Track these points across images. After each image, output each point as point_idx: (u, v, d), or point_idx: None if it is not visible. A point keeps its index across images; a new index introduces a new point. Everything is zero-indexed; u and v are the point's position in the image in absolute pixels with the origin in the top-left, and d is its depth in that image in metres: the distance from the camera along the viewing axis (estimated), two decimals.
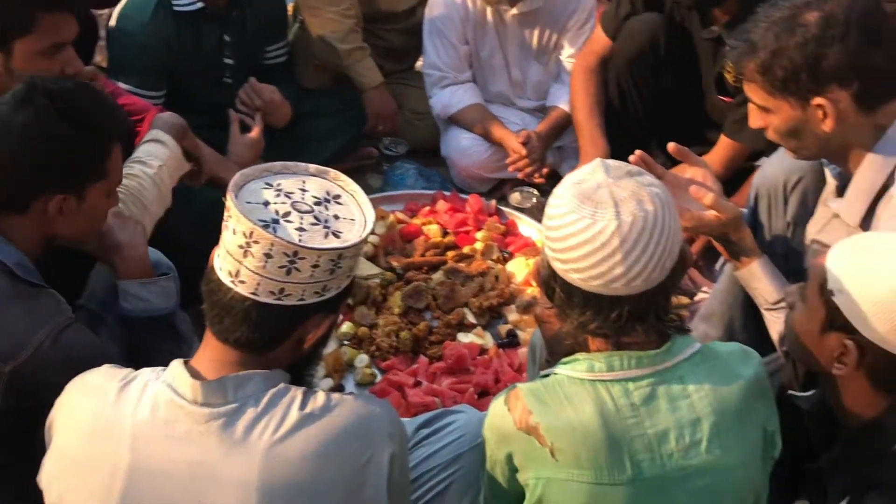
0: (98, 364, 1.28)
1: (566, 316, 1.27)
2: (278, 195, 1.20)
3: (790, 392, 1.50)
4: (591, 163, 1.26)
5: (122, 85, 2.29)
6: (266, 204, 1.18)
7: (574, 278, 1.21)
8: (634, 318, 1.23)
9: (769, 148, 2.37)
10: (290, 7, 2.94)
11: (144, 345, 1.66)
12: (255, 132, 2.51)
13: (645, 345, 1.25)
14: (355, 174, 2.93)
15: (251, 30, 2.60)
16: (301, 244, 1.14)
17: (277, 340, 1.21)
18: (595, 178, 1.21)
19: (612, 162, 1.25)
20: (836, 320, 1.27)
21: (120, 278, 1.69)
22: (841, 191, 1.68)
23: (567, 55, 2.89)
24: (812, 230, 1.79)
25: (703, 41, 2.48)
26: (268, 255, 1.14)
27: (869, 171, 1.59)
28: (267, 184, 1.22)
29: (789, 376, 1.55)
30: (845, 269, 1.27)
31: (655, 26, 2.50)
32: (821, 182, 1.78)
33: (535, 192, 2.87)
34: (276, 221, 1.16)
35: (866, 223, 1.61)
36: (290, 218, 1.17)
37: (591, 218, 1.18)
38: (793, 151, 1.68)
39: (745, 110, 2.35)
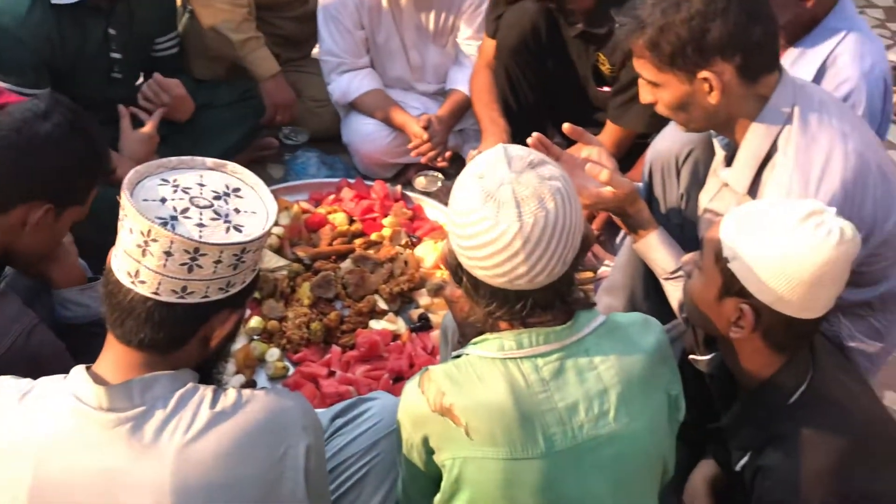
0: (61, 364, 1.30)
1: (474, 303, 1.29)
2: (175, 191, 1.17)
3: (691, 357, 1.57)
4: (494, 150, 1.26)
5: (0, 84, 2.19)
6: (163, 201, 1.15)
7: (479, 274, 1.23)
8: (540, 307, 1.25)
9: (651, 129, 2.47)
10: None
11: (87, 349, 1.61)
12: (148, 127, 2.43)
13: (552, 322, 1.28)
14: (255, 165, 2.95)
15: (138, 22, 2.50)
16: (202, 240, 1.12)
17: (183, 340, 1.19)
18: (498, 174, 1.21)
19: (513, 150, 1.26)
20: (732, 286, 1.34)
21: (58, 287, 1.74)
22: (729, 160, 1.75)
23: (465, 37, 2.90)
24: (704, 199, 1.86)
25: (572, 38, 2.54)
26: (168, 254, 1.11)
27: (754, 140, 1.65)
28: (163, 180, 1.18)
29: (690, 341, 1.62)
30: (738, 237, 1.33)
31: (532, 14, 2.53)
32: (710, 153, 1.85)
33: (440, 175, 2.89)
34: (174, 218, 1.13)
35: (754, 190, 1.68)
36: (188, 214, 1.14)
37: (494, 219, 1.18)
38: (682, 125, 1.73)
39: (624, 97, 2.46)
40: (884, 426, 1.46)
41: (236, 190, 1.22)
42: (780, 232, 1.30)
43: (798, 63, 2.00)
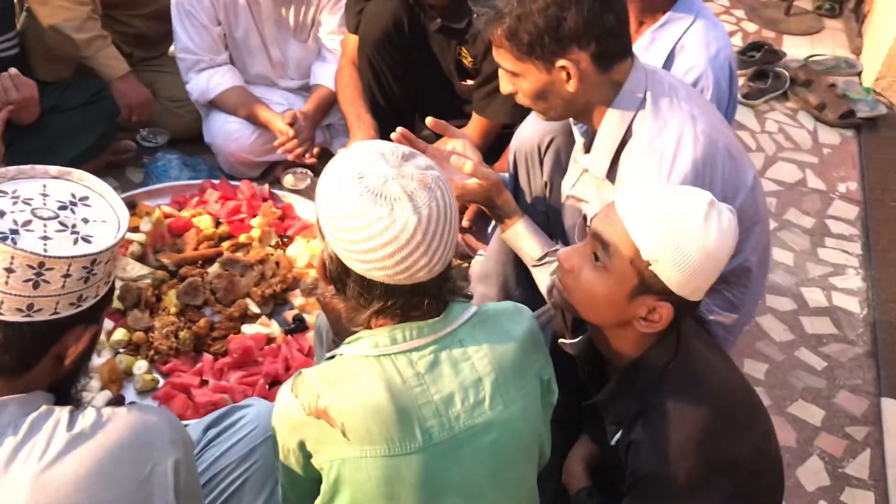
0: None
1: (359, 306, 1.26)
2: (16, 203, 1.09)
3: (560, 340, 1.60)
4: (363, 150, 1.24)
5: None
6: (1, 214, 1.07)
7: (377, 275, 1.20)
8: (431, 296, 1.25)
9: (515, 120, 2.51)
10: None
11: None
12: None
13: (425, 315, 1.27)
14: (113, 170, 2.82)
15: None
16: (46, 254, 1.05)
17: (33, 360, 1.11)
18: (379, 171, 1.19)
19: (381, 146, 1.24)
20: (653, 287, 1.35)
21: None
22: (588, 147, 1.80)
23: (326, 31, 2.85)
24: (566, 186, 1.91)
25: (433, 32, 2.55)
26: (9, 270, 1.04)
27: (610, 125, 1.70)
28: (1, 192, 1.11)
29: (559, 326, 1.65)
30: (657, 239, 1.32)
31: (393, 8, 2.52)
32: (571, 141, 1.89)
33: (309, 172, 2.84)
34: (14, 232, 1.06)
35: (612, 174, 1.74)
36: (31, 227, 1.07)
37: (390, 217, 1.16)
38: (542, 113, 1.76)
39: (487, 89, 2.50)
40: (744, 394, 1.53)
41: (83, 199, 1.15)
42: (695, 231, 1.32)
43: (649, 50, 2.08)
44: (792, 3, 4.31)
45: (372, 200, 1.17)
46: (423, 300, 1.25)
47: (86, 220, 1.12)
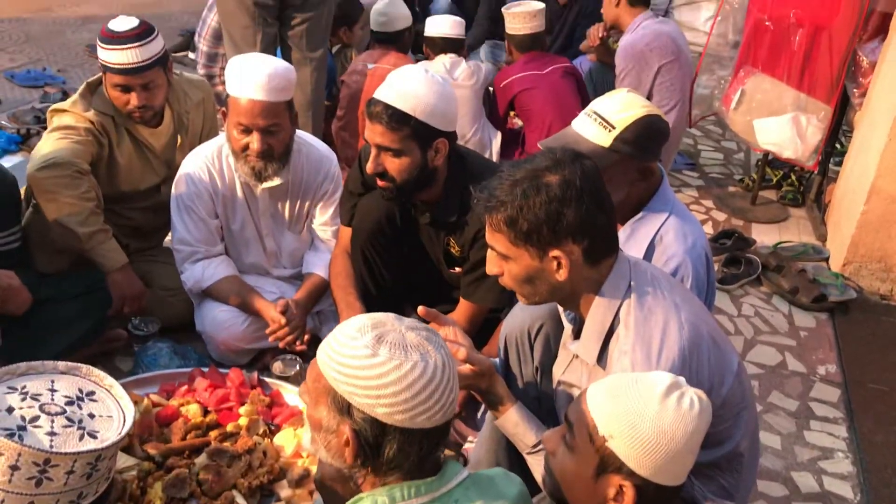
0: None
1: (387, 469, 1.31)
2: (24, 398, 1.12)
3: None
4: (366, 319, 1.34)
5: None
6: (10, 410, 1.09)
7: (399, 419, 1.27)
8: (436, 447, 1.33)
9: (501, 304, 2.60)
10: (22, 190, 2.79)
11: None
12: None
13: (422, 474, 1.32)
14: (103, 359, 2.83)
15: None
16: (53, 450, 1.06)
17: None
18: (391, 326, 1.32)
19: (372, 317, 1.35)
20: (611, 464, 1.37)
21: None
22: (577, 333, 1.85)
23: (319, 223, 2.97)
24: (557, 372, 1.94)
25: (423, 225, 2.69)
26: (14, 468, 1.04)
27: (597, 313, 1.77)
28: (10, 388, 1.13)
29: None
30: (611, 415, 1.38)
31: (387, 202, 2.63)
32: (560, 327, 1.95)
33: (298, 359, 2.86)
34: (22, 429, 1.07)
35: (603, 360, 1.78)
36: (38, 422, 1.09)
37: (423, 359, 1.27)
38: (525, 297, 1.81)
39: (475, 275, 2.60)
40: None
41: (90, 393, 1.18)
42: (649, 408, 1.36)
43: (630, 241, 2.19)
44: (757, 194, 4.56)
45: (397, 349, 1.28)
46: (434, 448, 1.32)
47: (92, 416, 1.14)
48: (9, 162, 4.20)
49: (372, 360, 1.27)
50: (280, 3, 3.92)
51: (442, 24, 4.37)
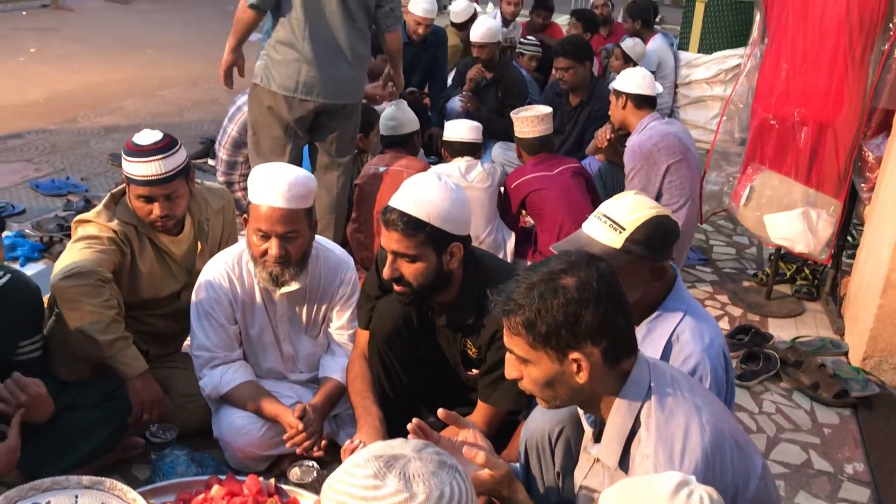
0: None
1: None
2: None
3: None
4: (376, 450, 1.31)
5: None
6: None
7: None
8: None
9: (520, 406, 2.59)
10: (45, 299, 2.84)
11: None
12: (12, 438, 2.25)
13: None
14: (120, 467, 2.80)
15: (1, 327, 2.46)
16: None
17: None
18: (400, 453, 1.28)
19: (396, 442, 1.32)
20: None
21: None
22: (597, 436, 1.84)
23: (336, 327, 3.00)
24: (578, 476, 1.92)
25: (440, 327, 2.71)
26: None
27: (618, 416, 1.76)
28: None
29: None
30: None
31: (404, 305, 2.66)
32: (580, 430, 1.94)
33: (315, 465, 2.82)
34: None
35: (625, 464, 1.76)
36: None
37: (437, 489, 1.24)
38: (545, 401, 1.81)
39: (492, 377, 2.60)
40: None
41: None
42: (657, 501, 1.35)
43: (646, 340, 2.20)
44: (772, 288, 4.56)
45: (413, 484, 1.23)
46: None
47: None
48: (31, 270, 4.28)
49: (376, 493, 1.23)
50: (314, 116, 4.07)
51: (460, 129, 4.52)
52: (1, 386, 2.39)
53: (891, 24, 3.76)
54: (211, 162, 5.92)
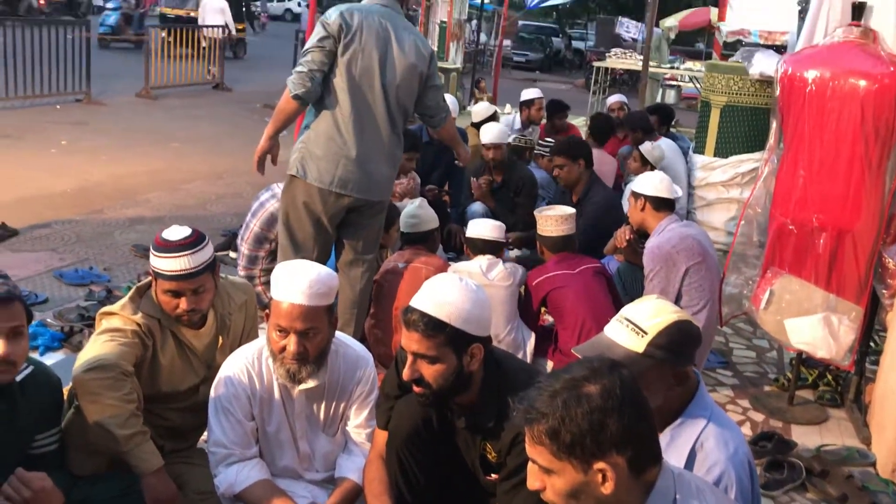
0: None
1: None
2: None
3: None
4: None
5: None
6: None
7: None
8: None
9: None
10: (65, 391, 2.84)
11: None
12: None
13: None
14: None
15: (22, 416, 2.46)
16: None
17: None
18: None
19: None
20: None
21: None
22: None
23: (354, 425, 2.97)
24: None
25: (460, 429, 2.68)
26: None
27: None
28: None
29: None
30: None
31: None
32: None
33: None
34: None
35: None
36: None
37: None
38: None
39: (512, 482, 2.56)
40: None
41: None
42: None
43: (670, 447, 2.16)
44: (794, 394, 4.50)
45: None
46: None
47: None
48: (51, 359, 4.30)
49: None
50: (346, 212, 4.15)
51: (483, 228, 4.59)
52: (6, 482, 2.37)
53: None
54: (233, 255, 6.00)
